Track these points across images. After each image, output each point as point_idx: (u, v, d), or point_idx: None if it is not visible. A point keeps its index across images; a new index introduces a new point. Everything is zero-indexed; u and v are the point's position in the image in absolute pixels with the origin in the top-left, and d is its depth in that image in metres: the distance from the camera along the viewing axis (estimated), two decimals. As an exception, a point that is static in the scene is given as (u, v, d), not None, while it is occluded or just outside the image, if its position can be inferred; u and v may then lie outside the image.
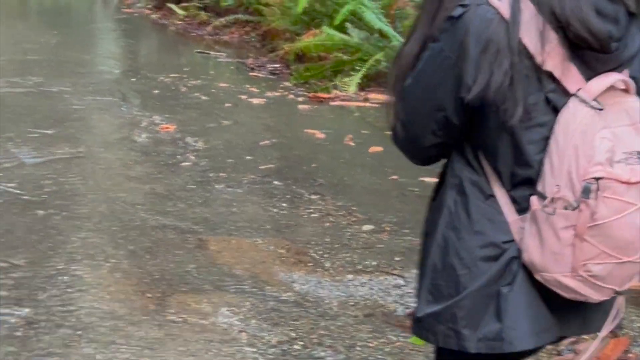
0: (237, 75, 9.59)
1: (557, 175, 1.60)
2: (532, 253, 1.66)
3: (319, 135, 6.70)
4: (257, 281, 3.88)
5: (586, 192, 1.57)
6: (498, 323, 1.70)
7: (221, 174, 5.53)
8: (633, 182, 1.59)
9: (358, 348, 3.32)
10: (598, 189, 1.57)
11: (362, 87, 8.35)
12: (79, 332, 3.31)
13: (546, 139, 1.63)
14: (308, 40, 9.12)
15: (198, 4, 13.86)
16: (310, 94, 8.29)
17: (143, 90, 8.29)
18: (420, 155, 1.86)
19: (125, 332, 3.34)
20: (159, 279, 3.85)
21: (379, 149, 6.27)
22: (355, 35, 8.77)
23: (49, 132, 6.39)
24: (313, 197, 5.14)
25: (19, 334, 3.30)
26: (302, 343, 3.33)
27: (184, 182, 5.33)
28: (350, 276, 3.97)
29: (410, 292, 3.78)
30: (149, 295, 3.67)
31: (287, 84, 8.89)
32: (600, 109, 1.60)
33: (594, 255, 1.61)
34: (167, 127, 6.73)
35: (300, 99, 8.19)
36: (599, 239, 1.60)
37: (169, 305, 3.58)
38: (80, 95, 7.83)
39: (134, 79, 8.88)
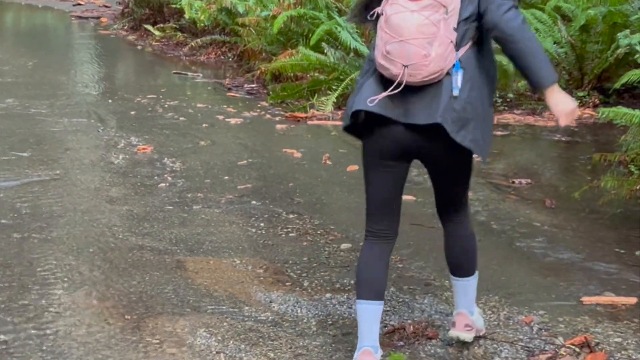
0: (214, 95, 9.61)
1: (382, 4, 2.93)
2: (373, 51, 2.98)
3: (297, 154, 6.71)
4: (235, 301, 3.87)
5: (385, 2, 2.90)
6: (355, 99, 3.03)
7: (199, 195, 5.53)
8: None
9: (337, 367, 3.31)
10: (389, 1, 2.89)
11: (338, 106, 8.38)
12: (55, 357, 3.29)
13: None
14: (284, 60, 9.14)
15: (174, 25, 13.89)
16: (287, 114, 8.31)
17: (120, 111, 8.28)
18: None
19: (102, 355, 3.32)
20: (136, 300, 3.83)
21: (356, 167, 6.29)
22: (331, 55, 8.81)
23: (25, 154, 6.37)
24: (291, 216, 5.14)
25: (-6, 358, 3.27)
26: (280, 363, 3.33)
27: (162, 203, 5.32)
28: (328, 295, 3.98)
29: (388, 310, 3.79)
30: (126, 317, 3.65)
31: (264, 103, 8.91)
32: None
33: (388, 38, 2.87)
34: (144, 149, 6.72)
35: (278, 118, 8.21)
36: (388, 28, 2.86)
37: (147, 327, 3.56)
38: (57, 117, 7.81)
39: (110, 101, 8.87)
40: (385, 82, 2.93)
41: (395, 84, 2.86)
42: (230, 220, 5.05)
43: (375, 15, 2.93)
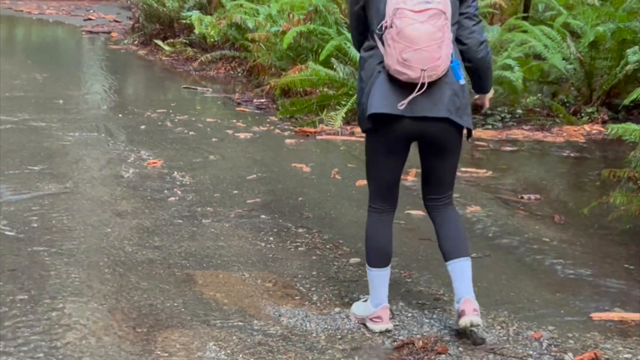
0: (224, 110, 9.64)
1: (386, 15, 3.33)
2: (386, 59, 3.37)
3: (306, 169, 6.73)
4: (244, 315, 3.88)
5: (392, 16, 3.28)
6: (369, 101, 3.45)
7: (208, 209, 5.54)
8: (416, 10, 3.27)
9: (346, 381, 3.32)
10: (397, 13, 3.27)
11: (347, 121, 8.41)
12: (66, 368, 3.30)
13: None
14: (294, 75, 9.18)
15: (184, 40, 13.96)
16: (297, 129, 8.34)
17: (130, 125, 8.32)
18: (357, 43, 3.70)
19: (112, 368, 3.33)
20: (146, 314, 3.84)
21: (365, 182, 6.29)
22: (340, 70, 8.85)
23: (36, 168, 6.40)
24: (300, 230, 5.15)
25: (5, 370, 3.28)
26: (289, 377, 3.33)
27: (171, 217, 5.34)
28: (337, 309, 3.98)
29: (397, 325, 3.79)
30: (136, 330, 3.66)
31: (274, 118, 8.94)
32: None
33: (403, 48, 3.28)
34: (154, 162, 6.75)
35: (287, 133, 8.24)
36: (403, 39, 3.27)
37: (156, 341, 3.57)
38: (68, 131, 7.85)
39: (121, 115, 8.91)
40: (396, 84, 3.39)
41: (419, 86, 3.32)
42: (240, 234, 5.06)
43: (382, 27, 3.36)
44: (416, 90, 3.33)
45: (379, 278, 3.74)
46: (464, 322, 3.54)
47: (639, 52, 8.11)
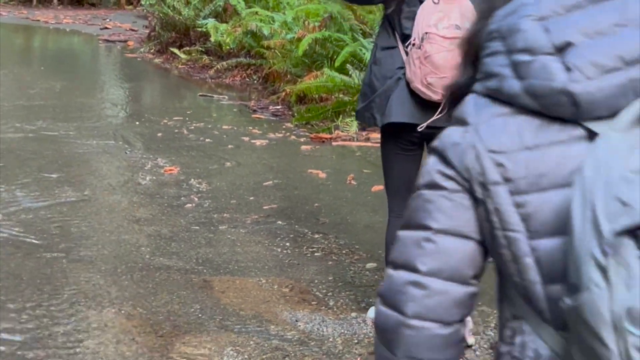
0: (240, 117, 9.67)
1: (415, 32, 3.39)
2: (408, 72, 3.44)
3: (321, 175, 6.75)
4: (261, 320, 3.90)
5: (422, 39, 3.34)
6: (388, 108, 3.50)
7: (224, 215, 5.57)
8: (447, 37, 3.30)
9: (362, 385, 3.32)
10: (427, 38, 3.33)
11: (363, 127, 8.41)
12: (85, 374, 3.33)
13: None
14: (309, 82, 9.21)
15: (200, 48, 14.01)
16: (312, 135, 8.36)
17: (147, 133, 8.36)
18: None
19: (131, 373, 3.35)
20: (163, 319, 3.87)
21: (380, 187, 6.30)
22: (355, 77, 8.86)
23: (54, 175, 6.45)
24: (316, 236, 5.17)
25: (25, 376, 3.31)
26: (306, 381, 3.34)
27: (188, 224, 5.37)
28: (354, 314, 3.99)
29: (413, 329, 3.80)
30: (154, 336, 3.69)
31: (289, 125, 8.96)
32: (436, 3, 3.35)
33: (428, 72, 3.35)
34: (171, 170, 6.78)
35: (302, 139, 8.26)
36: (430, 64, 3.34)
37: (174, 346, 3.59)
38: (85, 139, 7.90)
39: (137, 123, 8.96)
40: (414, 96, 3.51)
41: (441, 108, 3.39)
42: (256, 240, 5.08)
43: (409, 44, 3.44)
44: (437, 113, 3.42)
45: None
46: None
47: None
